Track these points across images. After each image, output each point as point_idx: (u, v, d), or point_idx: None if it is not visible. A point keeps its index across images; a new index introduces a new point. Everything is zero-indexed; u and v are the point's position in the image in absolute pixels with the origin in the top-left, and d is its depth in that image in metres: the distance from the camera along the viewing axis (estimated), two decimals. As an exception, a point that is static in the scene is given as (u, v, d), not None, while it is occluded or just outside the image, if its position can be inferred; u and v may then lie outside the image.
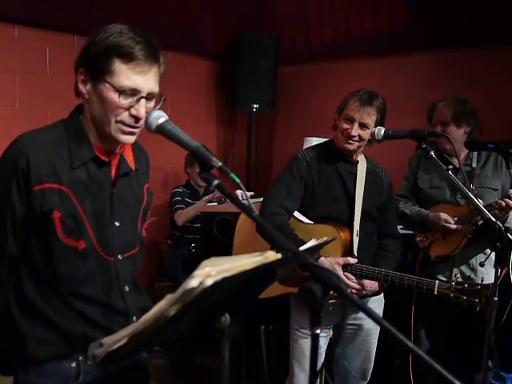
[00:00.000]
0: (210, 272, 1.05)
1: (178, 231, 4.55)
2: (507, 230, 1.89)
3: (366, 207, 2.56)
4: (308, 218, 2.56)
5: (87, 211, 1.53)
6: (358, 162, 2.60)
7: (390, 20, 4.84)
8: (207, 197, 4.35)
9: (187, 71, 5.18)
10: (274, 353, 3.69)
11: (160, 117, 1.38)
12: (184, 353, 4.28)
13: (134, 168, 1.68)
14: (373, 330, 2.63)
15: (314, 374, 1.21)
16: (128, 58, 1.46)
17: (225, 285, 1.08)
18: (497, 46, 4.16)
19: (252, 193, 4.03)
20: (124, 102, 1.47)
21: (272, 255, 1.22)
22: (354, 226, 2.51)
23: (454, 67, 4.40)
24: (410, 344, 1.13)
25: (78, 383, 1.55)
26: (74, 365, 1.54)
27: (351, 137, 2.46)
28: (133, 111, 1.49)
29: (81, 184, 1.53)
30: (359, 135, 2.45)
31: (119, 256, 1.62)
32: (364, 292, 2.48)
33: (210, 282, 1.02)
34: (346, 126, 2.48)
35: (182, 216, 4.40)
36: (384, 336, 2.71)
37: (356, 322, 2.61)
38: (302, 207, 2.57)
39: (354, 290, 2.41)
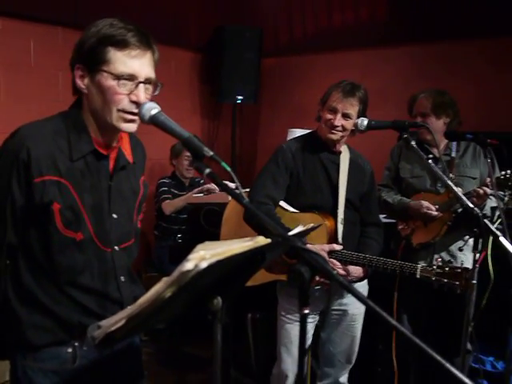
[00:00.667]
0: (204, 255, 1.10)
1: (164, 222, 4.58)
2: (484, 216, 1.97)
3: (349, 196, 2.63)
4: (293, 207, 2.62)
5: (86, 203, 1.56)
6: (340, 152, 2.66)
7: (371, 12, 4.91)
8: (197, 189, 4.39)
9: (171, 63, 5.19)
10: (260, 341, 3.76)
11: (153, 108, 1.43)
12: (171, 341, 4.33)
13: (131, 161, 1.72)
14: (357, 315, 2.71)
15: (302, 353, 1.28)
16: (122, 44, 1.50)
17: (218, 268, 1.14)
18: (478, 38, 4.25)
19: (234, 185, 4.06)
20: (123, 88, 1.50)
21: (262, 240, 1.28)
22: (339, 214, 2.58)
23: (435, 59, 4.48)
24: (394, 322, 1.19)
25: (74, 367, 1.60)
26: (70, 350, 1.59)
27: (334, 127, 2.53)
28: (133, 97, 1.51)
29: (80, 176, 1.56)
30: (342, 125, 2.52)
31: (116, 247, 1.66)
32: (349, 278, 2.55)
33: (204, 264, 1.08)
34: (329, 116, 2.54)
35: (171, 206, 4.44)
36: (368, 321, 2.80)
37: (341, 308, 2.69)
38: (287, 197, 2.63)
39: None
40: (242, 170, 5.65)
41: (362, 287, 2.72)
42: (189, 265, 1.08)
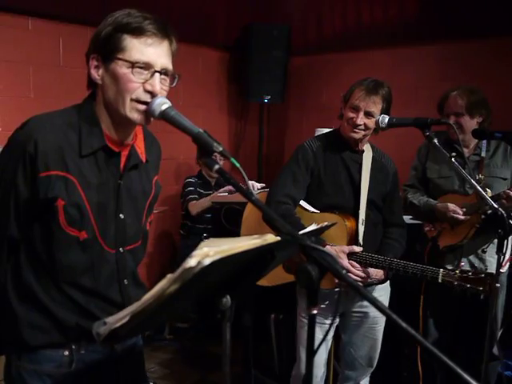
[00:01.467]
0: (208, 252, 1.08)
1: (190, 221, 4.58)
2: (510, 217, 1.89)
3: (371, 196, 2.57)
4: (314, 207, 2.58)
5: (92, 202, 1.50)
6: (363, 151, 2.61)
7: (400, 11, 4.82)
8: (222, 189, 4.39)
9: (199, 62, 5.21)
10: (283, 341, 3.73)
11: (163, 103, 1.40)
12: (195, 341, 4.34)
13: (144, 160, 1.65)
14: (379, 317, 2.65)
15: (310, 354, 1.24)
16: (138, 32, 1.45)
17: (224, 265, 1.11)
18: (507, 37, 4.13)
19: (263, 184, 4.06)
20: (138, 76, 1.45)
21: (271, 238, 1.25)
22: (360, 214, 2.52)
23: (464, 58, 4.37)
24: (403, 323, 1.15)
25: (71, 371, 1.55)
26: (66, 353, 1.54)
27: (357, 125, 2.48)
28: (147, 86, 1.45)
29: (88, 173, 1.50)
30: (365, 124, 2.47)
31: (121, 249, 1.60)
32: (369, 280, 2.49)
33: (207, 261, 1.06)
34: (351, 114, 2.49)
35: (197, 206, 4.43)
36: (393, 325, 2.73)
37: (362, 310, 2.63)
38: (307, 196, 2.58)
39: (358, 278, 2.43)
40: (269, 169, 5.62)
41: (384, 289, 2.66)
42: (192, 261, 1.07)
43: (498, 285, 2.02)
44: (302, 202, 2.57)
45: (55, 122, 1.49)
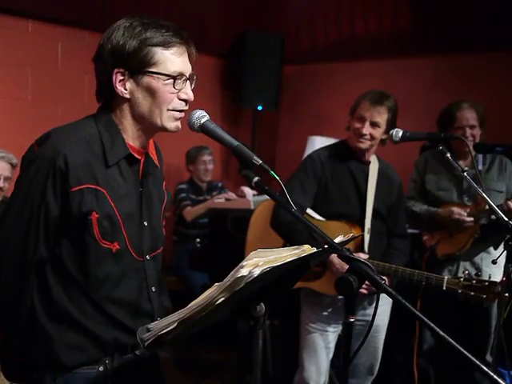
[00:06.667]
0: (258, 262, 1.13)
1: (183, 227, 4.59)
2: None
3: (377, 206, 2.63)
4: (320, 216, 2.63)
5: (121, 211, 1.50)
6: (370, 162, 2.67)
7: (394, 22, 4.92)
8: (216, 197, 4.45)
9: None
10: (278, 348, 3.76)
11: (203, 116, 1.44)
12: (189, 346, 4.34)
13: (158, 165, 1.67)
14: (381, 326, 2.70)
15: (347, 362, 1.28)
16: (167, 44, 1.46)
17: (269, 275, 1.15)
18: (500, 50, 4.25)
19: (255, 192, 4.10)
20: (175, 87, 1.48)
21: (308, 248, 1.30)
22: (366, 223, 2.58)
23: (457, 70, 4.48)
24: (441, 332, 1.20)
25: None
26: (101, 368, 1.53)
27: (362, 135, 2.55)
28: (182, 95, 1.50)
29: (115, 184, 1.50)
30: (370, 134, 2.54)
31: (147, 256, 1.60)
32: (373, 288, 2.54)
33: (258, 271, 1.11)
34: (357, 125, 2.56)
35: (192, 213, 4.46)
36: (387, 332, 2.79)
37: (365, 319, 2.66)
38: (314, 205, 2.64)
39: (364, 285, 2.47)
40: (261, 176, 5.62)
41: (386, 297, 2.70)
42: (243, 271, 1.11)
43: (507, 294, 2.09)
44: (309, 210, 2.62)
45: (78, 134, 1.48)
